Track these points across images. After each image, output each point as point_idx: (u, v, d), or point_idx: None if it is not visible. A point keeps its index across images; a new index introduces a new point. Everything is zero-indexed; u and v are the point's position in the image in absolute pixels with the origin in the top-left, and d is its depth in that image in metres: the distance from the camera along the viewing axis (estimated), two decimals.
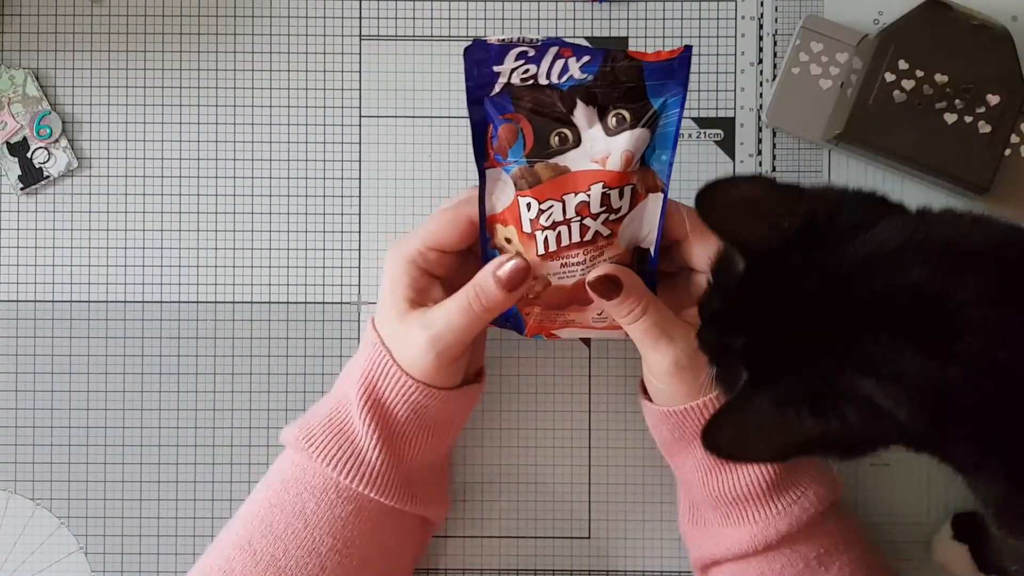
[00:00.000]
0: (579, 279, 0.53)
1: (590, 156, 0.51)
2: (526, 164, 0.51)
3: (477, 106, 0.52)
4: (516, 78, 0.51)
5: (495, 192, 0.52)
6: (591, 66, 0.50)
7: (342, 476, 0.54)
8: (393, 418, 0.54)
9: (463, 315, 0.52)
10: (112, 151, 0.64)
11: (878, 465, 0.63)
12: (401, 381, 0.54)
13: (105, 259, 0.64)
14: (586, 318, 0.55)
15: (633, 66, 0.50)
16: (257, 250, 0.64)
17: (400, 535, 0.57)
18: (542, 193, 0.51)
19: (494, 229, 0.53)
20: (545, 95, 0.51)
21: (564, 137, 0.51)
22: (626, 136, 0.51)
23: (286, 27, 0.64)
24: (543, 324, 0.56)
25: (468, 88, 0.51)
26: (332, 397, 0.57)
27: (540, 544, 0.63)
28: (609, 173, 0.51)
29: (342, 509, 0.54)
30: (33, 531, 0.63)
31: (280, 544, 0.54)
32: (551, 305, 0.54)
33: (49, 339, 0.64)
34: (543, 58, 0.50)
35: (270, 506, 0.55)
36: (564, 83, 0.51)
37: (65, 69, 0.64)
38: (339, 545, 0.54)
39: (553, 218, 0.51)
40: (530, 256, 0.52)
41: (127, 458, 0.64)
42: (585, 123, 0.51)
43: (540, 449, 0.64)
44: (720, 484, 0.55)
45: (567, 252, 0.52)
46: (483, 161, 0.52)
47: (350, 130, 0.64)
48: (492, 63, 0.51)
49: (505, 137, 0.51)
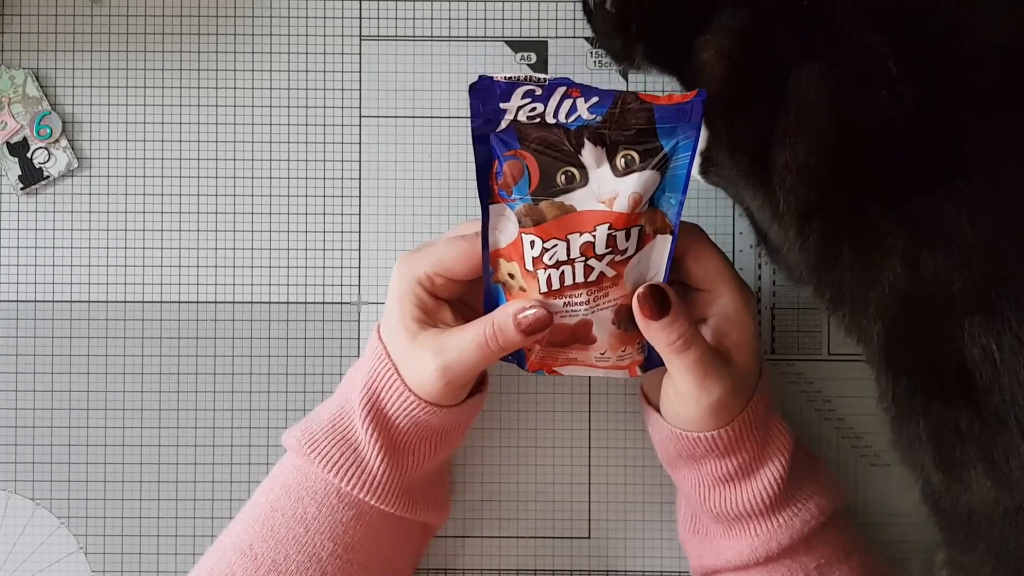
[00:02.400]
0: (581, 318, 0.52)
1: (597, 196, 0.50)
2: (531, 202, 0.50)
3: (482, 142, 0.51)
4: (523, 116, 0.50)
5: (499, 227, 0.51)
6: (600, 107, 0.49)
7: (344, 482, 0.54)
8: (395, 429, 0.54)
9: (477, 351, 0.51)
10: (112, 151, 0.64)
11: (878, 465, 0.63)
12: (405, 397, 0.53)
13: (105, 259, 0.64)
14: (589, 357, 0.53)
15: (644, 109, 0.49)
16: (257, 250, 0.64)
17: (400, 540, 0.57)
18: (546, 232, 0.50)
19: (497, 263, 0.52)
20: (552, 133, 0.50)
21: (571, 176, 0.50)
22: (635, 178, 0.50)
23: (286, 27, 0.64)
24: (545, 361, 0.54)
25: (473, 124, 0.50)
26: (335, 402, 0.57)
27: (540, 544, 0.63)
28: (615, 215, 0.50)
29: (343, 514, 0.54)
30: (33, 531, 0.63)
31: (281, 549, 0.53)
32: (553, 343, 0.53)
33: (49, 339, 0.64)
34: (551, 97, 0.49)
35: (271, 510, 0.55)
36: (572, 123, 0.50)
37: (65, 69, 0.64)
38: (340, 550, 0.54)
39: (557, 257, 0.50)
40: (532, 293, 0.51)
41: (127, 458, 0.64)
42: (593, 163, 0.50)
43: (540, 449, 0.64)
44: (722, 501, 0.55)
45: (570, 291, 0.51)
46: (487, 197, 0.51)
47: (350, 130, 0.64)
48: (498, 100, 0.50)
49: (510, 173, 0.50)
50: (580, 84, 0.50)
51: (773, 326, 0.64)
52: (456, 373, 0.52)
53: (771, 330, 0.64)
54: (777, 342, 0.64)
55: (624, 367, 0.54)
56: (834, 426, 0.63)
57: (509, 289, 0.52)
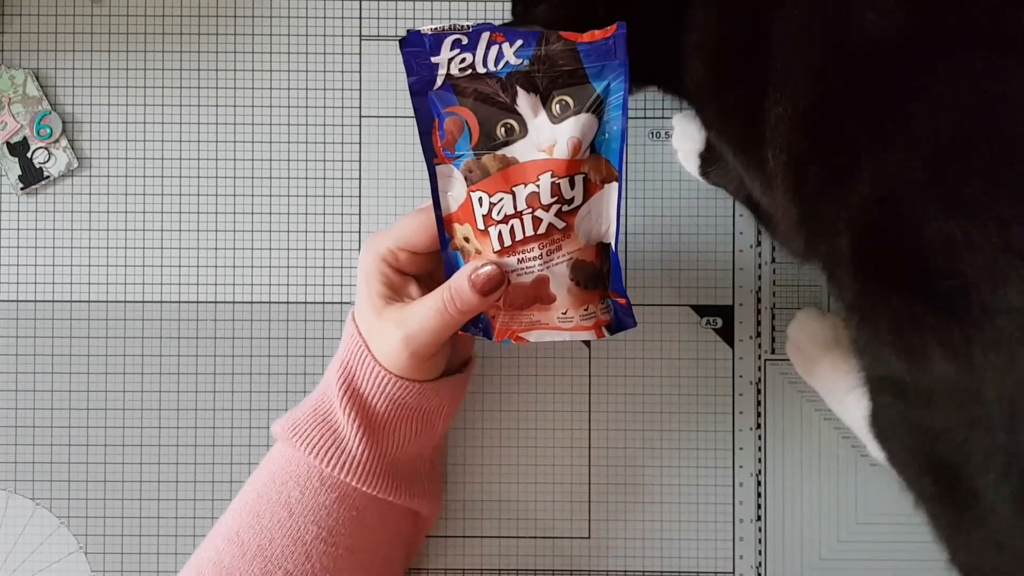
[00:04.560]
0: (537, 275, 0.52)
1: (537, 145, 0.50)
2: (473, 157, 0.50)
3: (421, 100, 0.51)
4: (455, 68, 0.50)
5: (449, 190, 0.52)
6: (525, 50, 0.49)
7: (324, 464, 0.54)
8: (373, 409, 0.55)
9: (437, 317, 0.52)
10: (112, 151, 0.64)
11: (878, 465, 0.63)
12: (376, 373, 0.54)
13: (105, 259, 0.64)
14: (551, 318, 0.53)
15: (568, 48, 0.49)
16: (257, 250, 0.64)
17: (388, 527, 0.58)
18: (491, 186, 0.50)
19: (452, 229, 0.52)
20: (487, 85, 0.50)
21: (511, 128, 0.50)
22: (571, 122, 0.50)
23: (286, 27, 0.64)
24: (510, 327, 0.54)
25: (410, 83, 0.51)
26: (318, 389, 0.58)
27: (540, 544, 0.63)
28: (556, 162, 0.50)
29: (325, 497, 0.54)
30: (33, 531, 0.63)
31: (266, 534, 0.54)
32: (513, 305, 0.53)
33: (49, 339, 0.64)
34: (477, 45, 0.49)
35: (257, 497, 0.55)
36: (501, 70, 0.50)
37: (65, 69, 0.64)
38: (324, 533, 0.54)
39: (504, 211, 0.50)
40: (487, 253, 0.51)
41: (127, 458, 0.64)
42: (530, 112, 0.50)
43: (540, 449, 0.64)
44: None
45: (522, 247, 0.51)
46: (432, 158, 0.51)
47: (350, 130, 0.64)
48: (429, 54, 0.50)
49: (451, 131, 0.50)
50: (502, 28, 0.50)
51: (773, 326, 0.64)
52: (420, 342, 0.53)
53: (771, 330, 0.64)
54: (777, 342, 0.64)
55: (589, 327, 0.53)
56: (834, 426, 0.63)
57: (467, 254, 0.53)
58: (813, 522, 0.63)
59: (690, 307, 0.64)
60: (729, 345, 0.64)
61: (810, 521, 0.63)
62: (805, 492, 0.64)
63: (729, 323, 0.64)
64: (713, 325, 0.64)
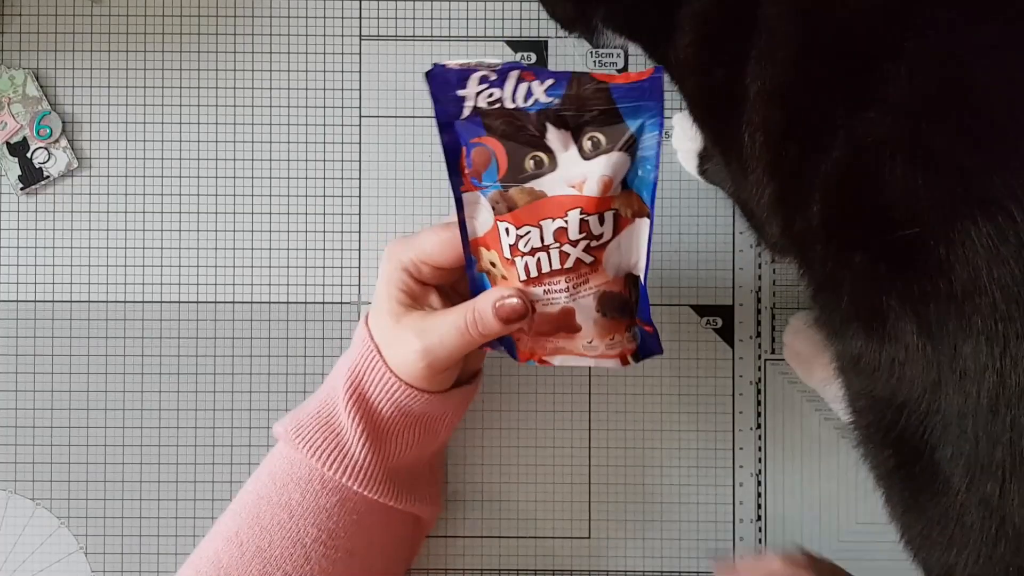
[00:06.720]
0: (563, 307, 0.51)
1: (567, 180, 0.49)
2: (501, 188, 0.50)
3: (448, 130, 0.50)
4: (483, 102, 0.49)
5: (476, 216, 0.51)
6: (556, 89, 0.49)
7: (326, 467, 0.54)
8: (378, 414, 0.54)
9: (458, 336, 0.52)
10: (112, 151, 0.64)
11: None
12: (387, 380, 0.54)
13: (105, 259, 0.64)
14: (576, 346, 0.53)
15: (601, 88, 0.48)
16: (257, 250, 0.64)
17: (388, 531, 0.57)
18: (519, 219, 0.49)
19: (479, 253, 0.52)
20: (516, 118, 0.49)
21: (540, 161, 0.49)
22: (603, 160, 0.49)
23: (286, 27, 0.64)
24: (534, 351, 0.54)
25: (436, 113, 0.50)
26: (322, 391, 0.57)
27: (540, 544, 0.63)
28: (586, 199, 0.49)
29: (326, 500, 0.54)
30: (33, 531, 0.63)
31: (266, 535, 0.54)
32: (539, 332, 0.53)
33: (49, 339, 0.64)
34: (505, 82, 0.49)
35: (257, 498, 0.55)
36: (531, 107, 0.49)
37: (65, 69, 0.64)
38: (323, 536, 0.54)
39: (532, 244, 0.50)
40: (512, 281, 0.51)
41: (127, 458, 0.64)
42: (560, 146, 0.49)
43: (540, 449, 0.64)
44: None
45: (549, 279, 0.50)
46: (459, 186, 0.51)
47: (350, 130, 0.64)
48: (455, 88, 0.49)
49: (477, 162, 0.50)
50: (532, 67, 0.49)
51: (773, 326, 0.64)
52: (437, 356, 0.52)
53: (771, 330, 0.64)
54: (777, 342, 0.64)
55: (614, 356, 0.53)
56: (834, 426, 0.63)
57: (493, 278, 0.52)
58: (813, 522, 0.63)
59: (690, 307, 0.64)
60: (729, 345, 0.64)
61: (810, 521, 0.63)
62: (805, 492, 0.64)
63: (729, 323, 0.64)
64: (713, 325, 0.64)
